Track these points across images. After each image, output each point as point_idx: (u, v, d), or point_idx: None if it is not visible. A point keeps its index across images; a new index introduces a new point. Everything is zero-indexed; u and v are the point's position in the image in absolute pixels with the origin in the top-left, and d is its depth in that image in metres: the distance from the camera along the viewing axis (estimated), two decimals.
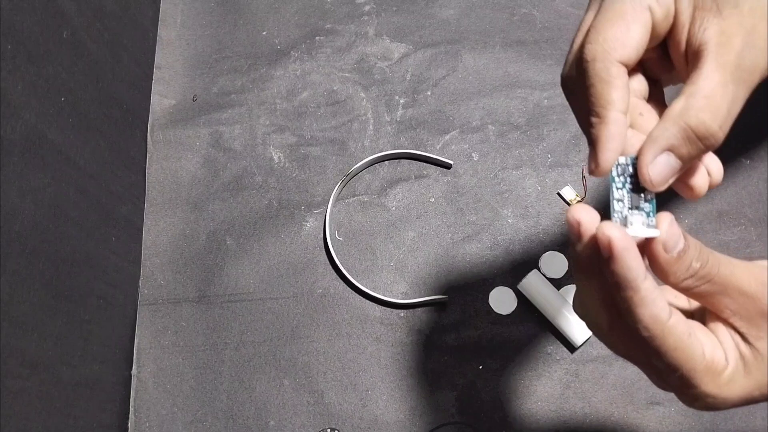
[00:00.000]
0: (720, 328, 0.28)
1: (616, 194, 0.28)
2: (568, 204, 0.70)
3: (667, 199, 0.70)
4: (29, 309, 0.49)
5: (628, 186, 0.28)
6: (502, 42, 0.79)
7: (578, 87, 0.30)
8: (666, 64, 0.31)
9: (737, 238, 0.68)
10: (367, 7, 0.82)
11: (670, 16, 0.28)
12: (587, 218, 0.27)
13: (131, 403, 0.66)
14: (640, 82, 0.31)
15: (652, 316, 0.26)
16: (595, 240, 0.26)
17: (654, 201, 0.28)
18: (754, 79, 0.26)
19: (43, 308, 0.51)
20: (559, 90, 0.76)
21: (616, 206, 0.28)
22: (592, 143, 0.28)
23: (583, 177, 0.72)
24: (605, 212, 0.29)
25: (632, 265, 0.25)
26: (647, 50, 0.29)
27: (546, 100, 0.75)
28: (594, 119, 0.28)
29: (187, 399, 0.66)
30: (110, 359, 0.63)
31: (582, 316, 0.30)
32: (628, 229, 0.27)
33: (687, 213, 0.69)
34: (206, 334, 0.68)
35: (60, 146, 0.55)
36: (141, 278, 0.70)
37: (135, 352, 0.68)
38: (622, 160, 0.27)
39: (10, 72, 0.48)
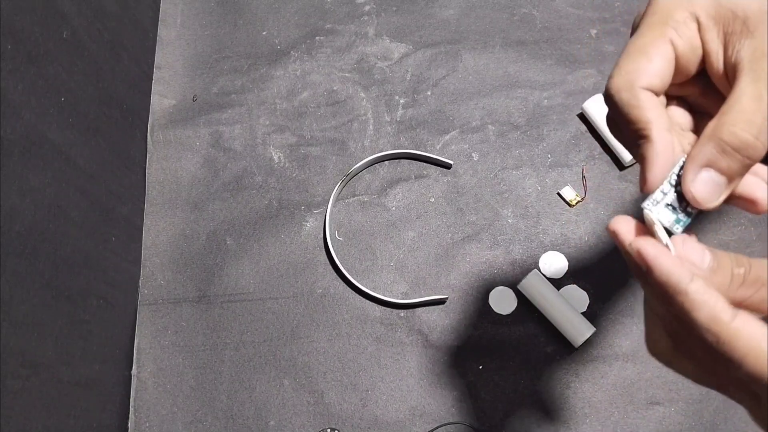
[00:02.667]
0: None
1: (664, 186, 0.28)
2: (568, 204, 0.70)
3: None
4: (29, 309, 0.49)
5: (677, 188, 0.27)
6: (502, 42, 0.79)
7: (617, 122, 0.30)
8: (715, 96, 0.30)
9: (737, 238, 0.68)
10: (367, 7, 0.82)
11: (696, 48, 0.28)
12: (624, 229, 0.27)
13: (131, 403, 0.66)
14: (682, 115, 0.31)
15: (711, 318, 0.24)
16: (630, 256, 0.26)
17: (691, 218, 0.28)
18: None
19: (43, 308, 0.51)
20: (559, 90, 0.77)
21: (656, 195, 0.27)
22: (640, 163, 0.28)
23: (583, 177, 0.71)
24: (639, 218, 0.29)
25: (672, 270, 0.25)
26: (687, 84, 0.29)
27: (546, 100, 0.75)
28: (640, 142, 0.28)
29: (187, 399, 0.66)
30: (110, 359, 0.63)
31: (654, 353, 0.29)
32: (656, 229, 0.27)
33: None
34: (206, 334, 0.68)
35: (60, 146, 0.55)
36: (141, 278, 0.70)
37: (135, 352, 0.68)
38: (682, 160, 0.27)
39: (10, 72, 0.48)
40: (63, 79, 0.56)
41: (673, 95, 0.31)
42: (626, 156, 0.70)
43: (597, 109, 0.72)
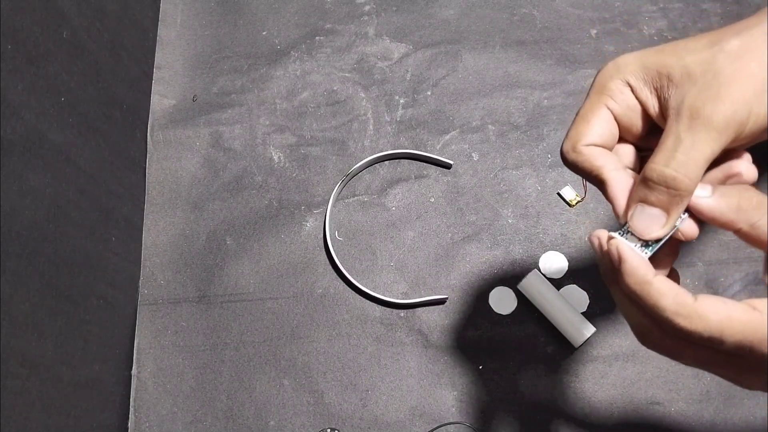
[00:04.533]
0: None
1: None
2: (568, 204, 0.70)
3: None
4: (29, 309, 0.49)
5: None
6: (502, 42, 0.79)
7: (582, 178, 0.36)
8: None
9: (737, 238, 0.68)
10: (367, 7, 0.82)
11: (634, 107, 0.33)
12: (604, 236, 0.32)
13: (131, 403, 0.66)
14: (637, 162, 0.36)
15: (677, 303, 0.28)
16: (608, 253, 0.31)
17: (654, 249, 0.31)
18: (718, 127, 0.29)
19: (43, 308, 0.51)
20: (559, 90, 0.77)
21: (623, 229, 0.32)
22: (609, 202, 0.33)
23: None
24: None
25: (640, 264, 0.29)
26: (652, 136, 0.33)
27: (546, 100, 0.75)
28: (600, 187, 0.33)
29: (187, 399, 0.66)
30: (110, 359, 0.63)
31: (636, 333, 0.32)
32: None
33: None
34: (206, 334, 0.68)
35: (60, 146, 0.55)
36: (141, 278, 0.70)
37: (135, 352, 0.68)
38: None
39: (10, 72, 0.48)
40: (63, 79, 0.56)
41: (647, 147, 0.34)
42: None
43: None
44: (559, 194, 0.71)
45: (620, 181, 0.32)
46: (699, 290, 0.65)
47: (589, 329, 0.63)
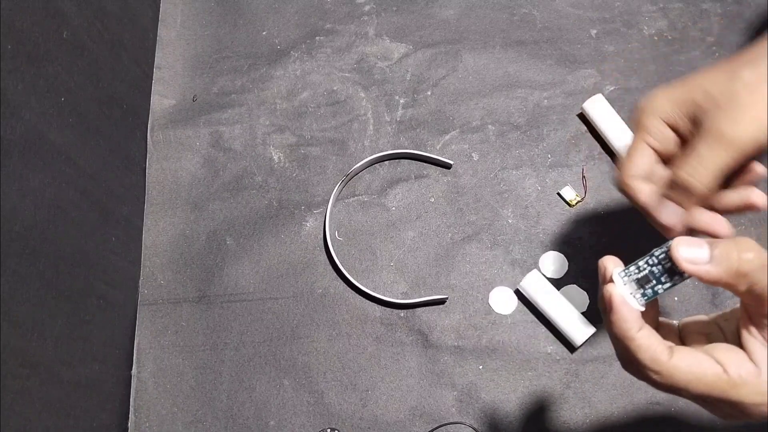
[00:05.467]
0: (750, 340, 0.31)
1: (640, 264, 0.33)
2: (568, 204, 0.70)
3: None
4: (29, 309, 0.49)
5: (648, 269, 0.33)
6: (502, 42, 0.79)
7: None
8: None
9: None
10: (367, 7, 0.82)
11: (669, 137, 0.39)
12: (610, 268, 0.35)
13: (131, 403, 0.66)
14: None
15: (652, 359, 0.31)
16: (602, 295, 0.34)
17: (654, 295, 0.33)
18: (734, 144, 0.34)
19: (43, 308, 0.51)
20: (559, 90, 0.76)
21: (631, 269, 0.33)
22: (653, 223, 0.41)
23: (583, 177, 0.72)
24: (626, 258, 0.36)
25: (627, 317, 0.32)
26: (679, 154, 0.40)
27: (546, 100, 0.75)
28: (644, 214, 0.41)
29: (187, 399, 0.66)
30: (110, 359, 0.63)
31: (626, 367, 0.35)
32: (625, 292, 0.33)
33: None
34: (206, 334, 0.68)
35: (60, 146, 0.55)
36: (141, 278, 0.70)
37: (135, 352, 0.68)
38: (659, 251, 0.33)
39: (10, 72, 0.48)
40: (63, 79, 0.56)
41: None
42: None
43: (597, 109, 0.72)
44: (559, 194, 0.71)
45: (647, 152, 0.40)
46: (701, 294, 0.66)
47: (589, 329, 0.63)
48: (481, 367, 0.65)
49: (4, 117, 0.47)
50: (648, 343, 0.31)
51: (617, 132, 0.71)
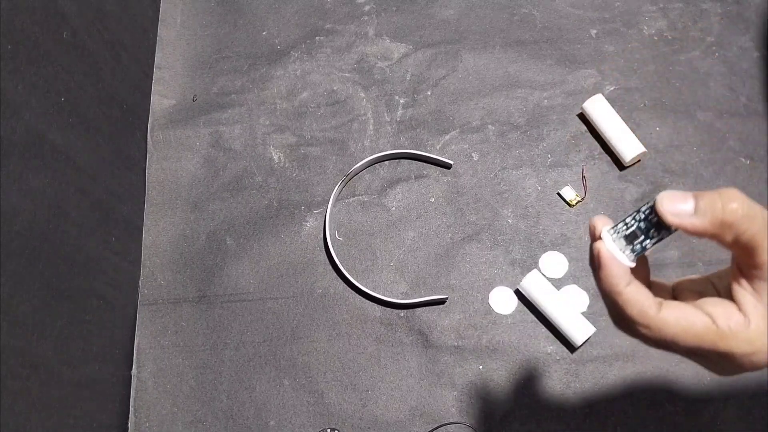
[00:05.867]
0: (740, 292, 0.31)
1: (628, 220, 0.33)
2: (568, 204, 0.70)
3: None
4: (29, 309, 0.49)
5: (636, 225, 0.32)
6: (502, 42, 0.79)
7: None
8: None
9: None
10: (367, 7, 0.82)
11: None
12: (599, 227, 0.33)
13: (131, 403, 0.66)
14: None
15: (640, 312, 0.31)
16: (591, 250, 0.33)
17: (642, 250, 0.32)
18: None
19: (43, 308, 0.51)
20: (559, 90, 0.76)
21: (619, 226, 0.33)
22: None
23: (583, 177, 0.71)
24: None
25: (615, 272, 0.31)
26: None
27: (546, 100, 0.75)
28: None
29: (187, 399, 0.66)
30: (110, 359, 0.63)
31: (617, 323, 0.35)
32: (613, 248, 0.33)
33: None
34: (206, 334, 0.68)
35: (60, 146, 0.55)
36: (141, 278, 0.70)
37: (135, 352, 0.68)
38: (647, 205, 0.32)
39: (10, 72, 0.48)
40: (63, 79, 0.56)
41: None
42: (626, 156, 0.70)
43: (597, 109, 0.72)
44: (559, 194, 0.71)
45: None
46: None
47: (589, 329, 0.63)
48: (481, 367, 0.65)
49: (4, 117, 0.47)
50: (636, 298, 0.31)
51: (617, 132, 0.71)
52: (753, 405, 0.62)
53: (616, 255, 0.32)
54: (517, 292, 0.67)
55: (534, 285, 0.65)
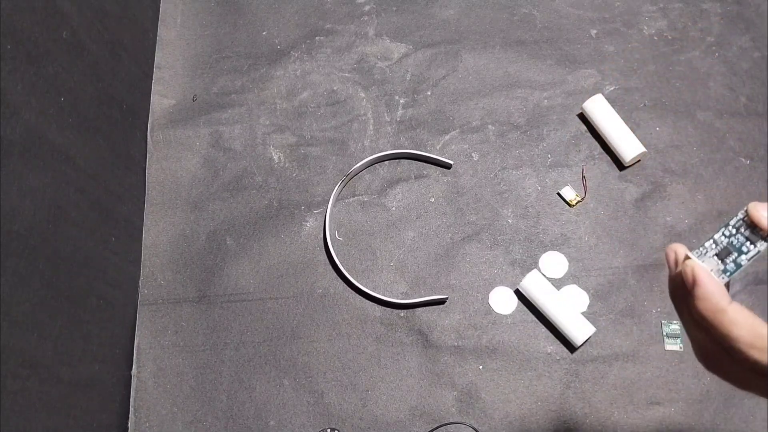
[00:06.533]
0: None
1: (718, 237, 0.30)
2: (568, 204, 0.70)
3: (666, 196, 0.70)
4: (29, 309, 0.49)
5: (726, 241, 0.30)
6: (502, 42, 0.79)
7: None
8: None
9: None
10: (367, 7, 0.82)
11: None
12: (681, 253, 0.31)
13: (131, 403, 0.66)
14: None
15: (753, 334, 0.27)
16: (682, 273, 0.30)
17: (736, 268, 0.30)
18: None
19: (43, 308, 0.51)
20: (559, 90, 0.77)
21: (708, 244, 0.30)
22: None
23: (583, 177, 0.71)
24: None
25: (715, 291, 0.28)
26: None
27: (546, 100, 0.75)
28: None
29: (187, 399, 0.66)
30: (110, 359, 0.63)
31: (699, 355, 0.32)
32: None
33: (687, 213, 0.69)
34: (206, 334, 0.68)
35: (60, 146, 0.55)
36: (141, 278, 0.70)
37: (135, 352, 0.68)
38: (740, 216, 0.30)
39: (10, 72, 0.48)
40: (63, 79, 0.56)
41: None
42: (626, 156, 0.70)
43: (597, 109, 0.72)
44: (559, 194, 0.71)
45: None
46: None
47: (589, 329, 0.63)
48: (481, 367, 0.65)
49: (4, 117, 0.47)
50: (744, 315, 0.28)
51: (617, 132, 0.71)
52: (753, 405, 0.62)
53: (712, 275, 0.29)
54: (517, 292, 0.67)
55: (534, 285, 0.65)
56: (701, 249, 0.30)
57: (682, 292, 0.30)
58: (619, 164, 0.72)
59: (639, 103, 0.74)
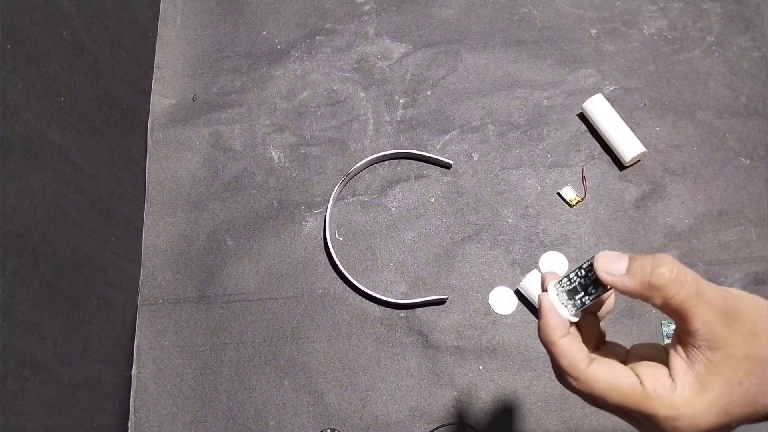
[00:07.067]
0: (674, 357, 0.31)
1: (571, 276, 0.34)
2: (568, 204, 0.70)
3: (666, 196, 0.70)
4: (29, 309, 0.49)
5: (577, 281, 0.34)
6: (502, 42, 0.79)
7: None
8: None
9: (737, 238, 0.68)
10: (367, 7, 0.82)
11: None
12: (549, 281, 0.35)
13: (131, 403, 0.66)
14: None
15: (570, 365, 0.32)
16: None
17: (582, 306, 0.33)
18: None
19: (43, 308, 0.51)
20: (559, 90, 0.77)
21: (564, 281, 0.34)
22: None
23: (583, 177, 0.71)
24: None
25: (552, 323, 0.33)
26: None
27: (546, 100, 0.75)
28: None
29: (187, 399, 0.66)
30: (110, 359, 0.63)
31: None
32: (557, 303, 0.34)
33: (687, 213, 0.69)
34: (206, 335, 0.68)
35: (60, 146, 0.55)
36: (141, 278, 0.70)
37: (135, 352, 0.68)
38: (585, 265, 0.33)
39: (10, 72, 0.48)
40: (63, 79, 0.56)
41: None
42: (626, 156, 0.70)
43: (597, 109, 0.72)
44: (559, 194, 0.71)
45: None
46: None
47: None
48: (481, 367, 0.65)
49: (4, 117, 0.47)
50: (569, 349, 0.32)
51: (617, 132, 0.71)
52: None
53: (557, 307, 0.33)
54: (517, 292, 0.67)
55: (534, 285, 0.65)
56: (561, 282, 0.34)
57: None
58: (619, 164, 0.72)
59: (639, 103, 0.74)
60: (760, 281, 0.66)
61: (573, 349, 0.32)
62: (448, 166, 0.73)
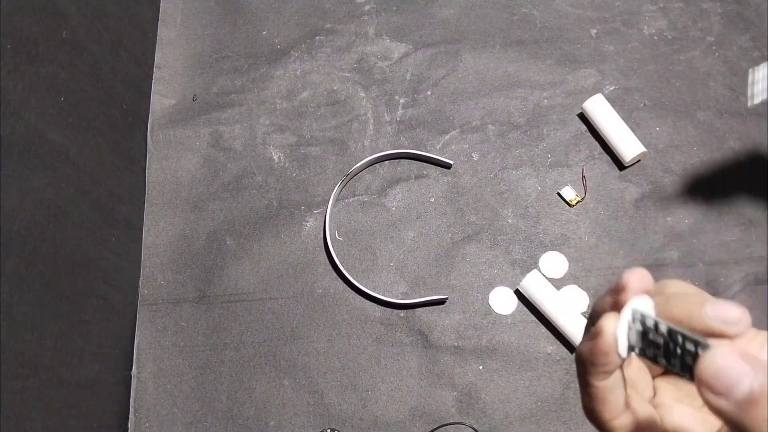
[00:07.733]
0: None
1: (662, 327, 0.26)
2: (568, 204, 0.70)
3: (666, 196, 0.70)
4: (29, 309, 0.49)
5: (672, 345, 0.25)
6: (502, 42, 0.79)
7: None
8: None
9: (737, 238, 0.68)
10: (367, 7, 0.82)
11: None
12: (632, 284, 0.27)
13: (131, 403, 0.66)
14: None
15: (611, 411, 0.26)
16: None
17: (648, 358, 0.27)
18: None
19: (43, 308, 0.51)
20: (559, 90, 0.77)
21: (648, 320, 0.26)
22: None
23: (583, 177, 0.71)
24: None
25: (610, 361, 0.26)
26: None
27: (546, 100, 0.75)
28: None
29: (187, 399, 0.66)
30: (110, 359, 0.63)
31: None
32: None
33: (687, 213, 0.69)
34: (206, 335, 0.68)
35: (60, 146, 0.55)
36: (141, 278, 0.70)
37: (135, 352, 0.68)
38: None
39: (10, 72, 0.48)
40: (63, 79, 0.56)
41: None
42: (626, 156, 0.70)
43: (597, 109, 0.72)
44: (559, 194, 0.71)
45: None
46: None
47: None
48: (481, 367, 0.65)
49: (4, 117, 0.47)
50: (617, 396, 0.26)
51: (617, 132, 0.71)
52: None
53: (620, 342, 0.25)
54: (517, 292, 0.67)
55: (534, 285, 0.65)
56: (645, 315, 0.26)
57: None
58: (619, 164, 0.72)
59: (639, 103, 0.74)
60: (760, 281, 0.66)
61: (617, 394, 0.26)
62: (448, 166, 0.73)
